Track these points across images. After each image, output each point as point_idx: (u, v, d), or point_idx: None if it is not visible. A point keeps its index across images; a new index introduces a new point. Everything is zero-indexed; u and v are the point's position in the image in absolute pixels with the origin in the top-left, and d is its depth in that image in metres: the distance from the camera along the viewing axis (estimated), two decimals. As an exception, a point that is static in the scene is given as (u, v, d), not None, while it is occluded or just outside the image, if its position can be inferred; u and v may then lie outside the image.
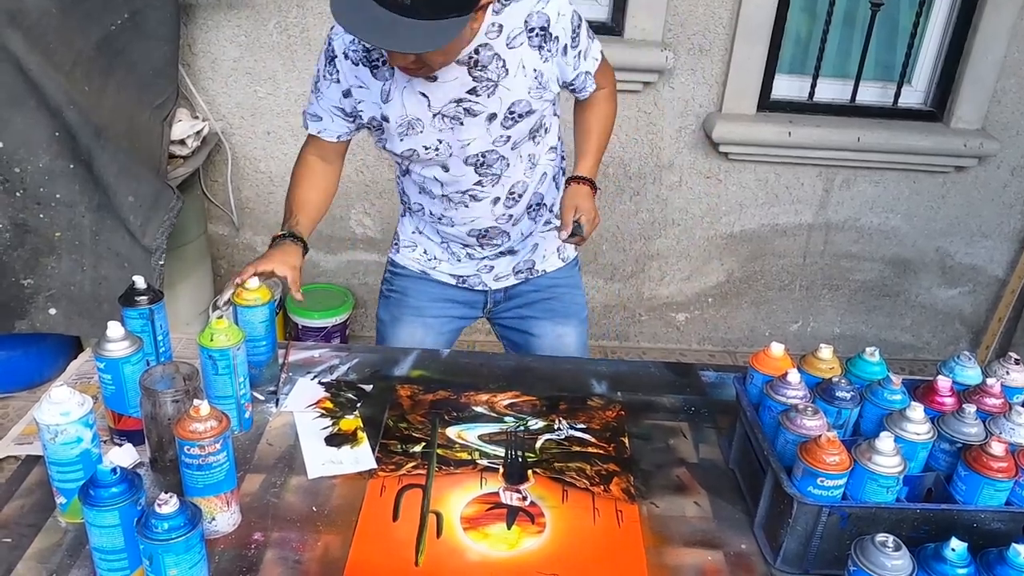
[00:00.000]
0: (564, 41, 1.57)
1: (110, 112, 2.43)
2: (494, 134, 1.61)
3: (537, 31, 1.54)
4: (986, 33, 2.94)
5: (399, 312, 1.92)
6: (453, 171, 1.67)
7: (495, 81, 1.55)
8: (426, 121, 1.59)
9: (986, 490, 1.20)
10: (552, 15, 1.54)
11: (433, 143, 1.62)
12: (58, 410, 1.14)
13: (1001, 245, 3.39)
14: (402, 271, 1.93)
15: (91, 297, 2.44)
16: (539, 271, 1.90)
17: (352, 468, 1.40)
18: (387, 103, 1.58)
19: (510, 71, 1.55)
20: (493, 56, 1.53)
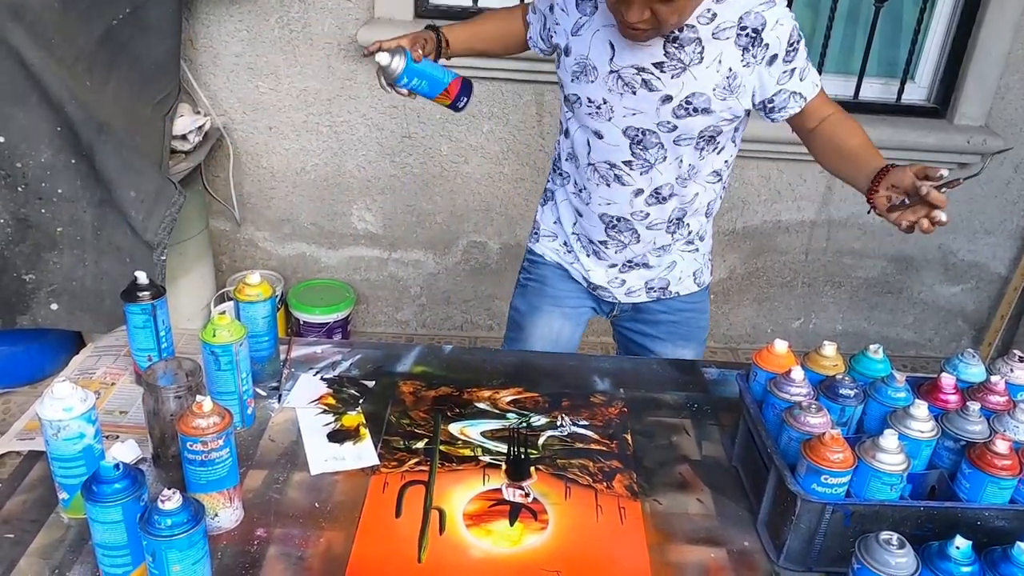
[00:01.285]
0: (775, 51, 1.50)
1: (112, 107, 2.42)
2: (662, 117, 1.56)
3: (749, 31, 1.49)
4: (990, 29, 2.93)
5: (538, 301, 1.89)
6: (607, 138, 1.63)
7: (685, 65, 1.51)
8: (601, 73, 1.56)
9: (990, 488, 1.20)
10: (770, 20, 1.48)
11: (599, 98, 1.59)
12: (60, 406, 1.14)
13: (1004, 242, 3.38)
14: (540, 259, 1.90)
15: (93, 292, 2.43)
16: (672, 292, 1.84)
17: (355, 464, 1.40)
18: (575, 36, 1.58)
19: (704, 60, 1.50)
20: (695, 40, 1.49)
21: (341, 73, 2.94)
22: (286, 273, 3.32)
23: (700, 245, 1.83)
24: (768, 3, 1.49)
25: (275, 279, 3.23)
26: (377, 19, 2.84)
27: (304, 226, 3.25)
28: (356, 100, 2.99)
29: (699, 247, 1.83)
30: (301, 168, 3.12)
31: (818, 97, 1.59)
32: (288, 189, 3.15)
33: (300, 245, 3.29)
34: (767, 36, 1.49)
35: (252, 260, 3.31)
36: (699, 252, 1.84)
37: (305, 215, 3.22)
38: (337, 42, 2.88)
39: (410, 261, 3.34)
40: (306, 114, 3.01)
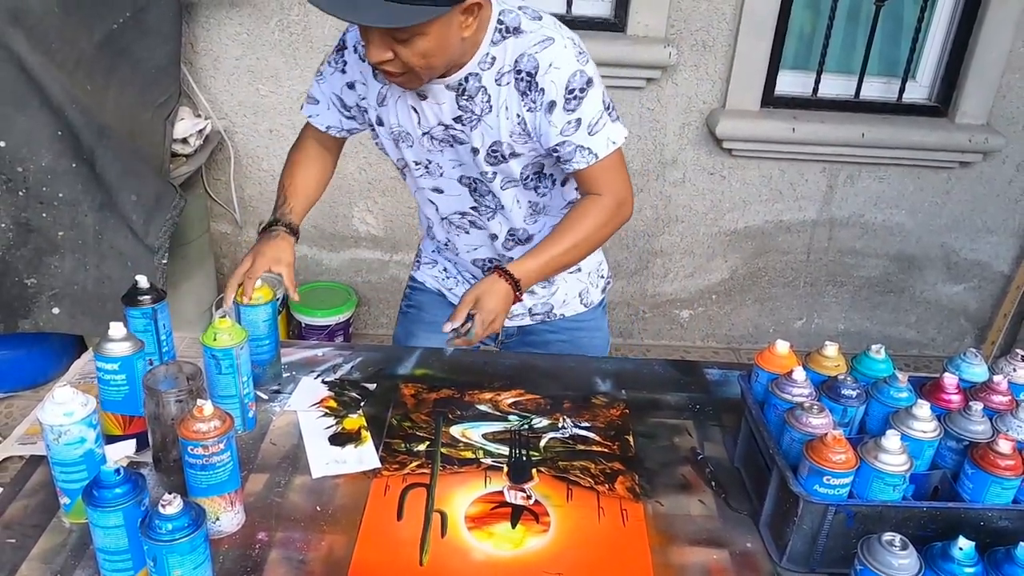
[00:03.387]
0: (552, 97, 1.41)
1: (112, 111, 2.43)
2: (480, 167, 1.53)
3: (524, 75, 1.41)
4: (991, 27, 2.93)
5: (415, 328, 1.86)
6: (448, 191, 1.62)
7: (478, 115, 1.46)
8: (415, 137, 1.54)
9: (993, 488, 1.19)
10: (543, 63, 1.40)
11: (423, 160, 1.58)
12: (61, 410, 1.14)
13: (1006, 241, 3.37)
14: (420, 287, 1.89)
15: (94, 296, 2.44)
16: (558, 315, 1.81)
17: (356, 467, 1.39)
18: (382, 106, 1.55)
19: (494, 108, 1.45)
20: (480, 88, 1.44)
21: (341, 75, 2.94)
22: (287, 276, 3.31)
23: (580, 265, 1.74)
24: (543, 43, 1.40)
25: (276, 282, 3.23)
26: (377, 21, 2.84)
27: (305, 228, 3.21)
28: (356, 102, 2.99)
29: (580, 267, 1.76)
30: (302, 171, 3.11)
31: (606, 161, 1.48)
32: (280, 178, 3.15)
33: (301, 247, 3.29)
34: (541, 80, 1.40)
35: (253, 263, 3.31)
36: (582, 272, 1.77)
37: (307, 218, 3.21)
38: (337, 44, 2.88)
39: (411, 263, 3.33)
40: (307, 117, 3.01)
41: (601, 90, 1.45)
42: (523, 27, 1.42)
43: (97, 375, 1.33)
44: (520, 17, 1.42)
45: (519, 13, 1.43)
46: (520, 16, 1.43)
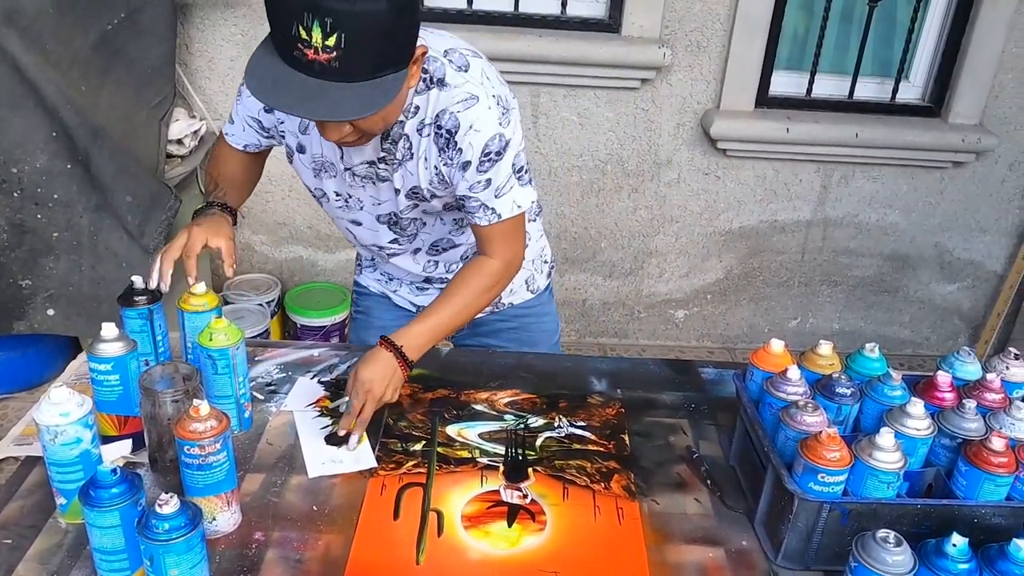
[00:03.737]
0: (468, 157, 1.38)
1: (107, 112, 2.42)
2: (400, 204, 1.51)
3: (444, 131, 1.37)
4: (983, 28, 2.94)
5: (365, 334, 1.84)
6: (366, 225, 1.59)
7: (399, 160, 1.43)
8: (339, 169, 1.50)
9: (987, 485, 1.20)
10: (464, 123, 1.36)
11: (345, 192, 1.54)
12: (57, 411, 1.14)
13: (999, 240, 3.39)
14: (365, 291, 1.88)
15: (90, 297, 2.43)
16: (505, 304, 1.79)
17: (352, 467, 1.40)
18: (305, 135, 1.49)
19: (415, 156, 1.42)
20: (402, 135, 1.40)
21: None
22: (283, 277, 3.31)
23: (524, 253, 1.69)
24: (467, 102, 1.36)
25: (272, 282, 3.23)
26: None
27: (301, 229, 3.25)
28: (352, 103, 2.99)
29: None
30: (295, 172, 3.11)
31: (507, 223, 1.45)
32: (284, 193, 3.15)
33: (297, 248, 3.29)
34: (460, 141, 1.37)
35: (249, 264, 3.31)
36: (525, 260, 1.67)
37: (301, 218, 3.22)
38: (332, 45, 2.88)
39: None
40: (302, 117, 3.01)
41: (515, 152, 1.42)
42: (448, 79, 1.36)
43: (90, 376, 1.33)
44: (445, 67, 1.37)
45: (444, 63, 1.37)
46: (445, 66, 1.37)
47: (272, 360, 1.67)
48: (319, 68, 1.15)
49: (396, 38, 1.19)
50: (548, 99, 3.01)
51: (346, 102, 1.18)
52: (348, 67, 1.15)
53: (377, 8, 1.13)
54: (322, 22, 1.11)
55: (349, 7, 1.11)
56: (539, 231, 1.79)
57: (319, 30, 1.12)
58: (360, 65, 1.17)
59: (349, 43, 1.13)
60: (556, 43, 2.84)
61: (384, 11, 1.14)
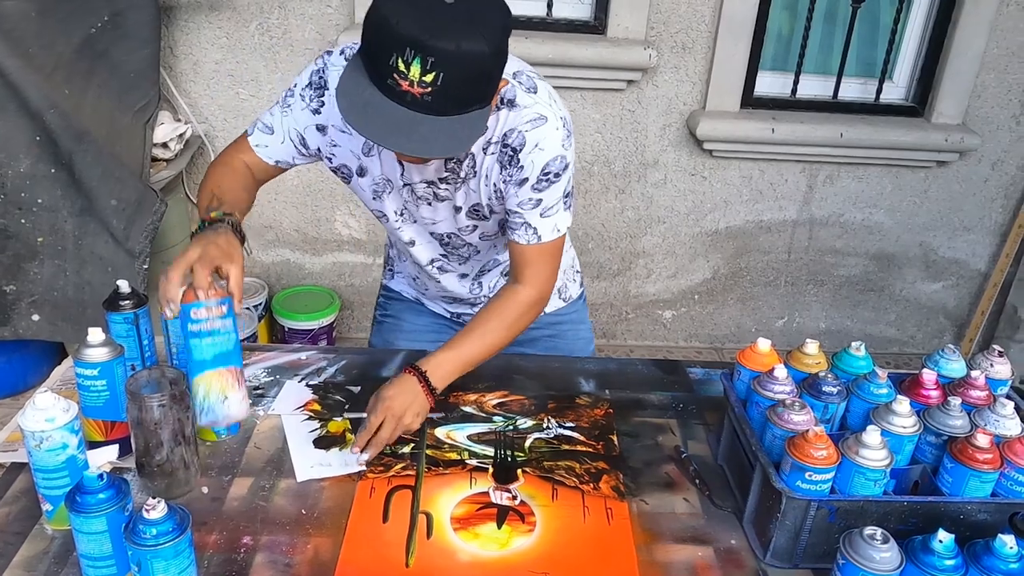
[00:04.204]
0: (527, 174, 1.39)
1: (91, 115, 2.41)
2: (460, 223, 1.52)
3: (509, 149, 1.38)
4: (966, 28, 2.97)
5: (393, 338, 1.84)
6: (419, 242, 1.61)
7: (462, 178, 1.44)
8: (396, 185, 1.50)
9: (972, 482, 1.21)
10: (530, 142, 1.37)
11: (400, 207, 1.54)
12: (43, 416, 1.13)
13: (983, 239, 3.42)
14: (396, 296, 1.87)
15: (75, 302, 2.42)
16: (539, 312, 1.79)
17: (341, 470, 1.39)
18: (368, 156, 1.47)
19: (479, 174, 1.43)
20: (468, 154, 1.41)
21: (322, 79, 2.94)
22: (270, 280, 3.30)
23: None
24: (536, 121, 1.36)
25: (259, 286, 3.22)
26: (357, 24, 2.84)
27: (287, 233, 3.24)
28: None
29: None
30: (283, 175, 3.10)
31: (546, 245, 1.45)
32: (271, 196, 3.14)
33: (284, 252, 3.29)
34: (523, 158, 1.38)
35: (235, 267, 3.29)
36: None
37: (288, 222, 3.21)
38: (318, 48, 2.88)
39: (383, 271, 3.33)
40: (288, 120, 3.00)
41: (570, 176, 1.43)
42: (519, 100, 1.37)
43: (77, 381, 1.32)
44: (516, 89, 1.37)
45: (514, 84, 1.37)
46: (516, 88, 1.37)
47: (260, 364, 1.66)
48: (411, 99, 1.15)
49: (491, 78, 1.22)
50: (534, 101, 3.01)
51: (436, 138, 1.18)
52: (440, 103, 1.16)
53: (479, 50, 1.15)
54: (424, 59, 1.12)
55: (454, 48, 1.12)
56: (569, 242, 1.77)
57: (419, 65, 1.13)
58: (452, 102, 1.17)
59: (446, 82, 1.14)
60: (542, 45, 2.84)
61: (485, 54, 1.15)
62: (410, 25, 1.12)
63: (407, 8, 1.14)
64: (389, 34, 1.13)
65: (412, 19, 1.12)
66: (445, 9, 1.14)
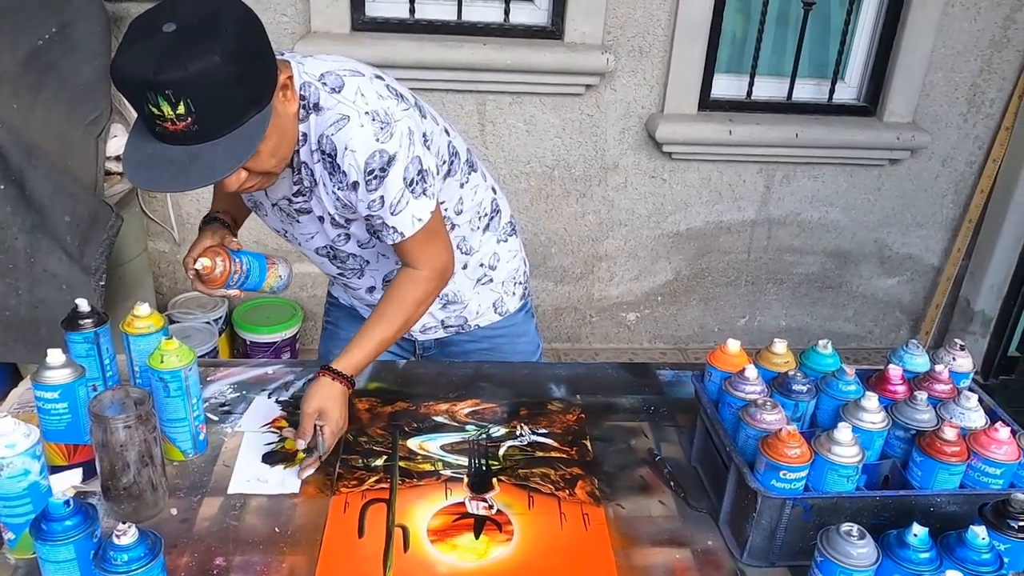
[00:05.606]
0: (354, 178, 1.35)
1: (41, 129, 2.34)
2: (331, 234, 1.50)
3: (327, 156, 1.35)
4: (914, 29, 3.04)
5: (332, 345, 1.81)
6: (311, 259, 1.62)
7: (310, 188, 1.42)
8: (267, 207, 1.52)
9: (941, 474, 1.23)
10: (339, 145, 1.33)
11: (281, 229, 1.57)
12: (3, 442, 1.10)
13: (935, 234, 3.50)
14: (336, 302, 1.87)
15: (28, 322, 2.35)
16: (472, 326, 1.76)
17: (276, 489, 1.36)
18: None
19: (317, 183, 1.41)
20: (302, 164, 1.39)
21: (279, 88, 2.90)
22: (230, 293, 3.24)
23: (492, 275, 1.71)
24: (338, 123, 1.32)
25: (218, 300, 3.16)
26: (313, 33, 2.81)
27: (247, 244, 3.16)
28: (295, 115, 2.95)
29: (492, 277, 1.72)
30: (241, 186, 3.06)
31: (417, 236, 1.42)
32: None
33: (243, 264, 3.23)
34: (341, 163, 1.35)
35: (194, 281, 3.23)
36: (494, 283, 1.73)
37: (247, 233, 3.12)
38: (274, 57, 2.84)
39: (356, 276, 3.30)
40: (244, 131, 2.96)
41: (403, 166, 1.36)
42: (322, 103, 1.33)
43: (36, 404, 1.28)
44: (319, 91, 1.33)
45: (318, 86, 1.33)
46: (319, 90, 1.33)
47: (225, 380, 1.63)
48: (182, 136, 1.16)
49: (244, 82, 1.18)
50: (494, 107, 3.01)
51: (219, 160, 1.19)
52: (207, 126, 1.16)
53: (210, 64, 1.13)
54: (164, 95, 1.12)
55: (182, 74, 1.11)
56: (513, 251, 1.75)
57: (166, 103, 1.13)
58: (218, 120, 1.17)
59: (199, 105, 1.14)
60: (500, 51, 2.84)
61: (218, 64, 1.13)
62: (137, 69, 1.12)
63: (130, 55, 1.14)
64: (127, 85, 1.14)
65: (136, 63, 1.12)
66: (165, 39, 1.12)
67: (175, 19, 1.14)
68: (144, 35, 1.14)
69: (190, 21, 1.14)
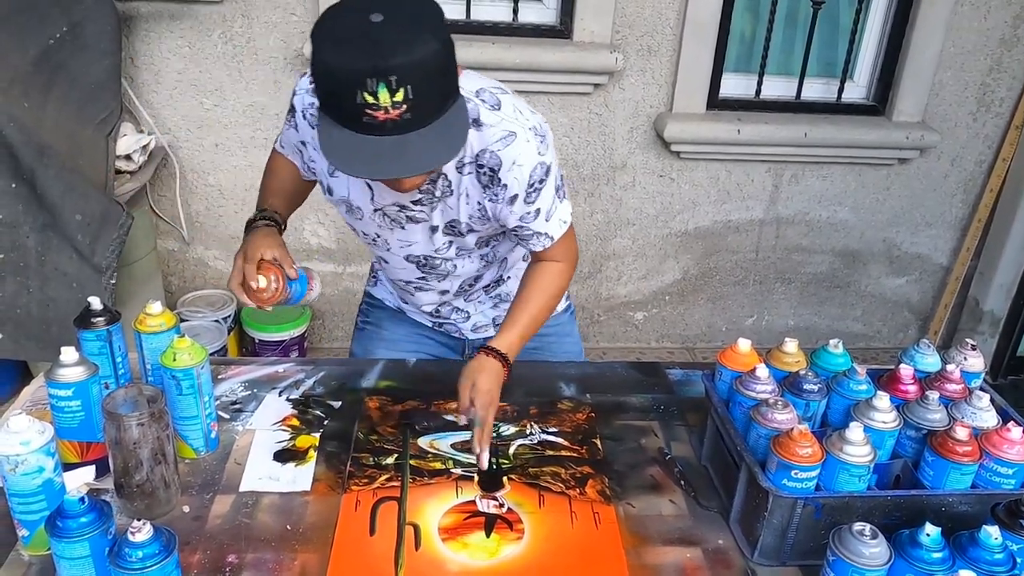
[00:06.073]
0: (514, 191, 1.40)
1: (52, 129, 2.36)
2: (437, 243, 1.52)
3: (486, 170, 1.39)
4: (923, 28, 3.03)
5: (372, 346, 1.83)
6: (393, 264, 1.62)
7: (438, 197, 1.44)
8: (366, 212, 1.51)
9: (953, 474, 1.23)
10: (506, 160, 1.37)
11: (372, 233, 1.55)
12: (18, 439, 1.10)
13: (944, 234, 3.48)
14: (379, 303, 1.86)
15: (39, 320, 2.36)
16: None
17: (288, 487, 1.36)
18: (333, 177, 1.50)
19: (455, 192, 1.43)
20: (440, 175, 1.41)
21: (288, 87, 2.90)
22: (238, 292, 3.25)
23: None
24: (506, 139, 1.36)
25: (227, 298, 3.17)
26: (323, 32, 2.81)
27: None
28: (304, 114, 2.95)
29: None
30: (251, 185, 3.06)
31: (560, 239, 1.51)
32: (237, 206, 3.10)
33: (252, 263, 3.23)
34: (504, 177, 1.39)
35: (203, 279, 3.24)
36: None
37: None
38: (283, 56, 2.85)
39: (365, 275, 3.28)
40: (253, 130, 2.97)
41: (556, 174, 1.45)
42: (483, 119, 1.36)
43: (50, 402, 1.29)
44: (479, 108, 1.35)
45: (477, 103, 1.36)
46: (479, 106, 1.36)
47: (236, 378, 1.64)
48: (391, 125, 1.15)
49: (449, 72, 1.21)
50: (502, 106, 3.01)
51: (431, 147, 1.19)
52: (420, 113, 1.16)
53: (432, 50, 1.14)
54: (387, 81, 1.11)
55: (409, 58, 1.12)
56: None
57: (386, 90, 1.12)
58: (430, 107, 1.17)
59: (417, 92, 1.14)
60: (509, 50, 2.84)
61: (438, 50, 1.15)
62: (356, 58, 1.12)
63: (342, 47, 1.13)
64: (341, 77, 1.13)
65: (353, 53, 1.12)
66: (379, 28, 1.13)
67: (380, 10, 1.14)
68: (353, 28, 1.14)
69: (398, 11, 1.15)
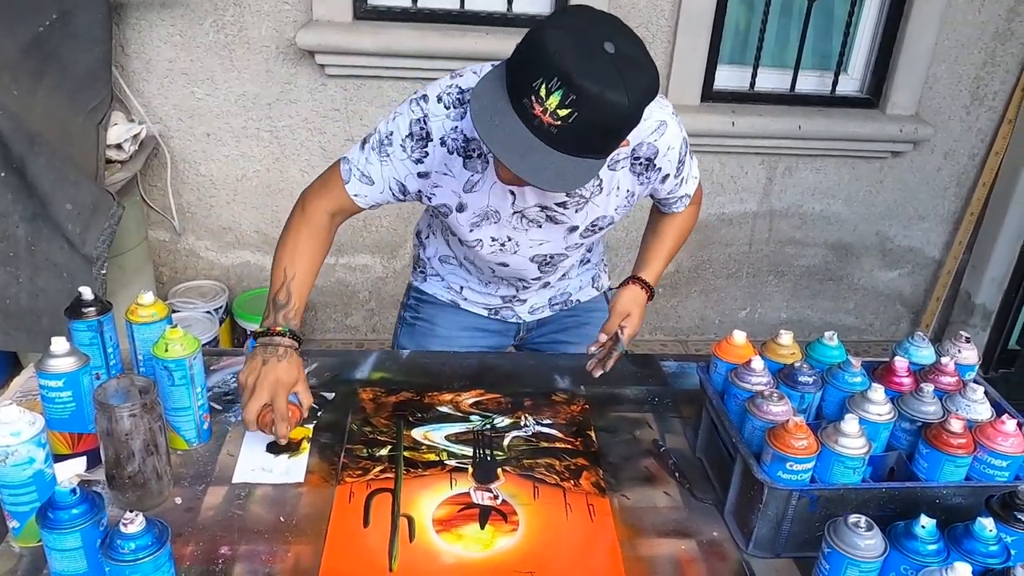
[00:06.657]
0: (666, 172, 1.51)
1: (42, 117, 2.33)
2: (570, 242, 1.59)
3: (643, 160, 1.48)
4: (917, 21, 3.03)
5: (427, 342, 1.84)
6: (513, 266, 1.64)
7: (587, 198, 1.50)
8: (504, 216, 1.52)
9: (947, 467, 1.23)
10: (662, 148, 1.47)
11: (503, 236, 1.56)
12: (8, 430, 1.09)
13: (937, 227, 3.49)
14: (430, 298, 1.85)
15: (29, 310, 2.34)
16: (574, 301, 1.87)
17: (280, 479, 1.36)
18: (470, 192, 1.48)
19: (604, 189, 1.50)
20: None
21: (280, 77, 2.89)
22: (230, 283, 3.24)
23: (591, 256, 1.85)
24: (659, 129, 1.45)
25: (219, 289, 3.16)
26: (315, 21, 2.79)
27: (247, 234, 3.18)
28: (296, 104, 2.94)
29: (591, 258, 1.86)
30: (242, 175, 3.05)
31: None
32: (229, 196, 3.08)
33: (244, 253, 3.22)
34: (660, 162, 1.49)
35: (194, 270, 3.23)
36: (591, 263, 1.87)
37: (248, 222, 3.16)
38: (275, 45, 2.83)
39: (357, 266, 3.30)
40: (245, 119, 2.95)
41: (687, 140, 1.54)
42: None
43: (40, 393, 1.27)
44: None
45: None
46: None
47: (228, 369, 1.63)
48: (537, 125, 1.16)
49: (618, 134, 1.22)
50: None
51: (546, 169, 1.18)
52: (563, 140, 1.16)
53: (619, 102, 1.14)
54: (565, 94, 1.12)
55: (596, 92, 1.12)
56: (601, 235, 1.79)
57: (558, 97, 1.13)
58: (575, 143, 1.17)
59: (577, 122, 1.14)
60: (503, 41, 2.82)
61: (624, 107, 1.15)
62: (566, 58, 1.12)
63: (570, 41, 1.14)
64: (544, 59, 1.13)
65: (569, 54, 1.12)
66: (604, 55, 1.14)
67: (615, 42, 1.15)
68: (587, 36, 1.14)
69: (624, 58, 1.15)
